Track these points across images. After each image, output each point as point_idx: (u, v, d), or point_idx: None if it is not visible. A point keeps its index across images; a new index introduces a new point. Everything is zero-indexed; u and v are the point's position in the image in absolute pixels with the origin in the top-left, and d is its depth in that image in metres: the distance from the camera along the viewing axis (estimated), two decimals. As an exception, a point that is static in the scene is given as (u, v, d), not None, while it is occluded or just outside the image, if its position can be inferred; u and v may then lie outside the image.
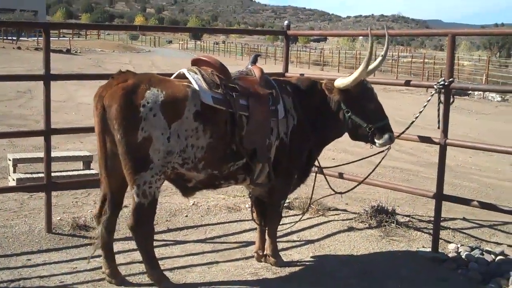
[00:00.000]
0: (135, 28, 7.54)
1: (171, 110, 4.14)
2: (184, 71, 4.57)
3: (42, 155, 6.11)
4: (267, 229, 5.07)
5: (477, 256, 5.39)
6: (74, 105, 16.15)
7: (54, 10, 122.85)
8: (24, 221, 6.02)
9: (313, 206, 6.39)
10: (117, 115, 4.04)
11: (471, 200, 5.88)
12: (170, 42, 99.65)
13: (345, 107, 4.88)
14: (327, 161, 6.39)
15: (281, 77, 6.10)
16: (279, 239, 5.38)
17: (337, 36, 35.07)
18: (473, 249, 5.60)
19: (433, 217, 5.66)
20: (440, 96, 5.44)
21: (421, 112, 5.54)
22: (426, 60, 43.02)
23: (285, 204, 5.90)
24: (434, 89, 5.48)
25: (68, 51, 46.72)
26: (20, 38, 54.08)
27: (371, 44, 4.82)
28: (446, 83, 5.37)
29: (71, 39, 58.76)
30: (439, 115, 5.47)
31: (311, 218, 6.49)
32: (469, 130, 16.00)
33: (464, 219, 6.85)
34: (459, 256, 5.43)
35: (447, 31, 5.57)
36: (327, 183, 5.60)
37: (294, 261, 5.21)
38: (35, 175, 7.56)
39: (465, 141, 6.52)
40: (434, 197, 5.60)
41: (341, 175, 6.60)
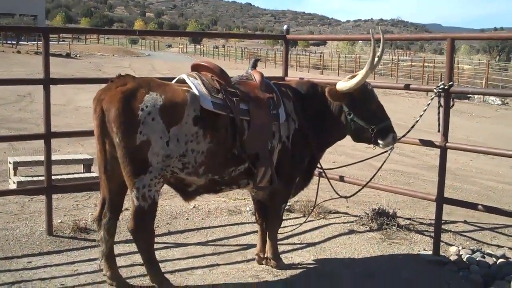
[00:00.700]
0: (134, 32, 7.56)
1: (169, 114, 4.14)
2: (184, 76, 4.57)
3: (43, 158, 6.11)
4: (268, 232, 5.07)
5: (478, 259, 5.38)
6: (74, 109, 16.17)
7: (53, 14, 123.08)
8: (25, 223, 6.01)
9: (314, 209, 6.39)
10: (115, 118, 4.04)
11: (472, 203, 5.88)
12: (170, 46, 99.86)
13: (347, 110, 4.89)
14: (327, 164, 6.38)
15: (281, 81, 6.11)
16: (280, 241, 5.38)
17: (336, 40, 35.04)
18: (474, 251, 5.59)
19: (434, 220, 5.65)
20: (440, 99, 5.46)
21: (421, 115, 5.55)
22: (425, 64, 43.10)
23: (286, 207, 5.89)
24: (434, 92, 5.49)
25: (68, 55, 46.80)
26: (20, 42, 54.18)
27: (373, 47, 4.82)
28: (446, 87, 5.37)
29: (70, 43, 58.91)
30: (439, 119, 5.47)
31: (312, 220, 6.48)
32: (469, 133, 16.01)
33: (465, 222, 6.85)
34: (460, 259, 5.43)
35: (446, 35, 5.58)
36: (328, 187, 5.60)
37: (295, 263, 5.20)
38: (35, 178, 7.56)
39: (465, 144, 6.52)
40: (435, 200, 5.60)
41: (342, 178, 6.60)
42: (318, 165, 5.29)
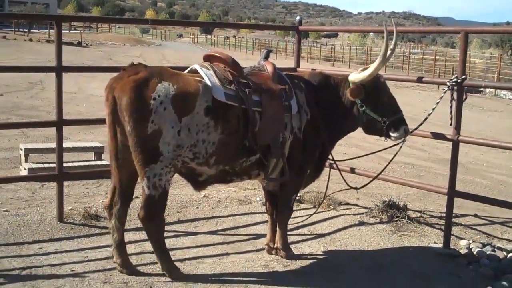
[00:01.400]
0: (146, 21, 7.52)
1: (181, 104, 4.14)
2: (196, 66, 4.56)
3: (54, 145, 6.13)
4: (278, 222, 5.07)
5: (488, 253, 5.37)
6: (85, 97, 16.19)
7: (65, 3, 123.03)
8: (36, 210, 6.05)
9: (324, 200, 6.38)
10: (127, 107, 4.04)
11: (483, 196, 5.85)
12: (181, 36, 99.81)
13: (359, 102, 4.87)
14: (338, 156, 6.37)
15: (293, 72, 6.09)
16: (290, 232, 5.38)
17: (348, 32, 34.96)
18: (484, 245, 5.58)
19: (445, 213, 5.64)
20: (453, 93, 5.42)
21: (434, 108, 5.52)
22: (437, 57, 42.84)
23: (296, 198, 5.89)
24: (447, 86, 5.46)
25: (79, 43, 46.88)
26: (32, 30, 54.31)
27: (386, 39, 4.79)
28: (459, 80, 5.34)
29: (82, 32, 58.95)
30: (451, 112, 5.44)
31: (322, 212, 6.48)
32: (481, 127, 15.92)
33: (475, 215, 6.82)
34: (470, 252, 5.41)
35: (460, 28, 5.54)
36: (338, 178, 5.59)
37: (305, 254, 5.21)
38: (46, 165, 7.59)
39: (477, 138, 6.49)
40: (447, 193, 5.57)
41: (352, 170, 6.58)
42: (330, 157, 5.28)
